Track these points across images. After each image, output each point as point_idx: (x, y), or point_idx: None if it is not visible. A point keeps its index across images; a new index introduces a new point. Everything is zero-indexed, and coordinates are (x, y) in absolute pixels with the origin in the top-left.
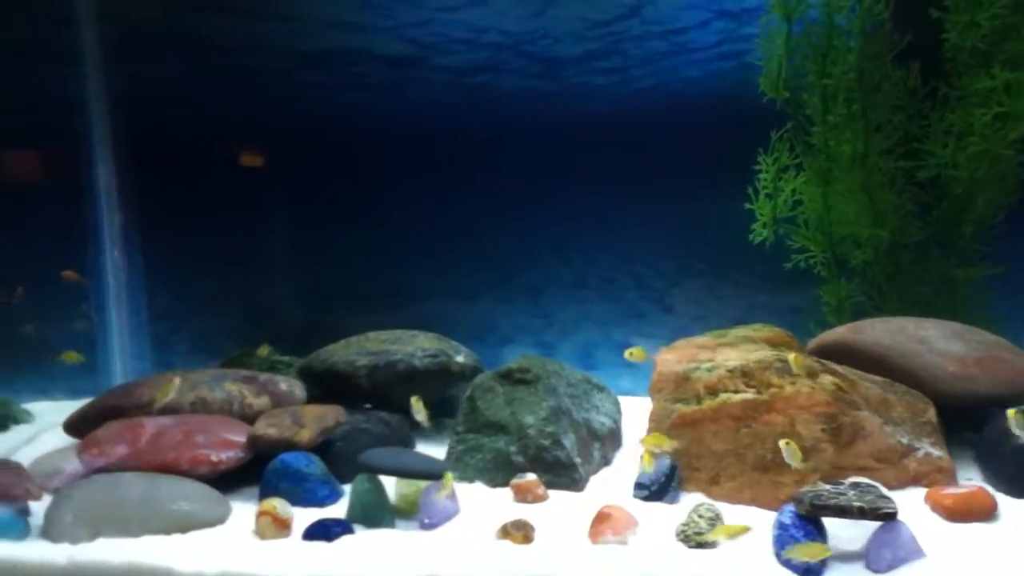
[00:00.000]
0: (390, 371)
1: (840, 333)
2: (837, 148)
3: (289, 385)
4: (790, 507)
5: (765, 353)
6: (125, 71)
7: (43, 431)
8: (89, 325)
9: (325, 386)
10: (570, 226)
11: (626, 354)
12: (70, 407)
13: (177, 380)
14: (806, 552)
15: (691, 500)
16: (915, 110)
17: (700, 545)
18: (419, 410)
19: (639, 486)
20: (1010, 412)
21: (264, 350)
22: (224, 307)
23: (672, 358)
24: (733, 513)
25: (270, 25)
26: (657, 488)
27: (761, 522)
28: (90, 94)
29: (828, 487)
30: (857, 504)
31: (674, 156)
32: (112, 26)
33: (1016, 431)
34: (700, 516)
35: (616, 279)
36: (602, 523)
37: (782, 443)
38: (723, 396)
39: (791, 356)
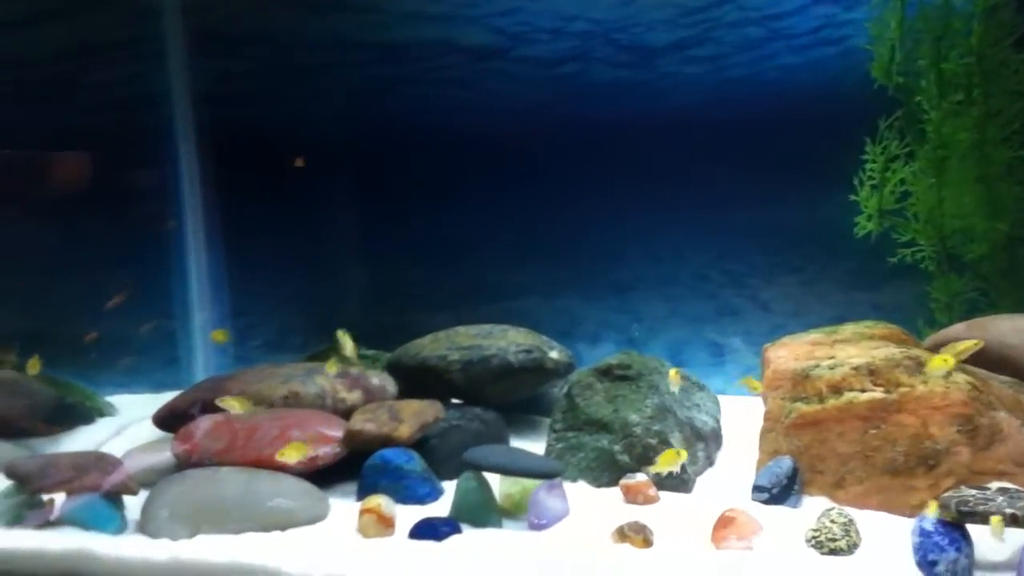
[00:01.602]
0: (484, 367)
1: (959, 330)
2: (952, 136)
3: (381, 380)
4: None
5: (892, 350)
6: (206, 68)
7: (129, 424)
8: (169, 321)
9: (415, 381)
10: (660, 221)
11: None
12: (151, 400)
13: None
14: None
15: (814, 504)
16: None
17: (833, 552)
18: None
19: (758, 489)
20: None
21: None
22: (305, 302)
23: (787, 355)
24: (861, 519)
25: (353, 19)
26: (778, 491)
27: (894, 529)
28: (172, 91)
29: (974, 492)
30: (1009, 511)
31: (770, 147)
32: (192, 22)
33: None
34: (832, 521)
35: (709, 276)
36: (725, 527)
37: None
38: (848, 395)
39: (936, 360)
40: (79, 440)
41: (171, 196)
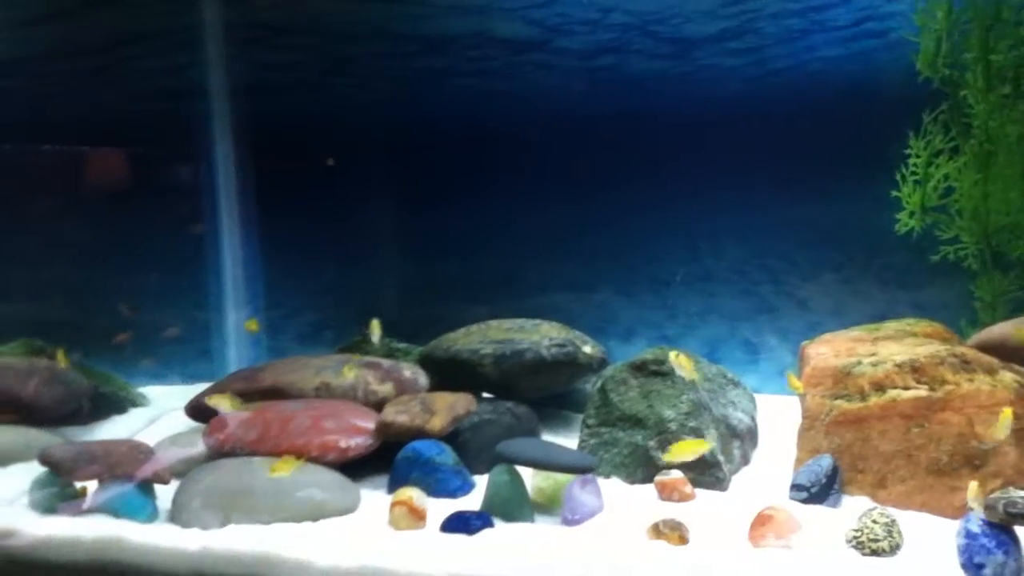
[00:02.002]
0: (517, 360)
1: (1004, 329)
2: (999, 130)
3: (413, 372)
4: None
5: (936, 347)
6: (245, 59)
7: (162, 414)
8: (202, 313)
9: (447, 375)
10: (697, 216)
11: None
12: (184, 392)
13: None
14: None
15: (854, 504)
16: None
17: (875, 553)
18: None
19: (797, 487)
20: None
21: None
22: (338, 296)
23: (827, 352)
24: (903, 519)
25: (400, 10)
26: (818, 490)
27: (937, 530)
28: (210, 84)
29: (1022, 494)
30: None
31: (811, 141)
32: (231, 13)
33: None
34: (874, 521)
35: (747, 272)
36: (763, 525)
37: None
38: (892, 393)
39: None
40: (112, 430)
41: (206, 188)
